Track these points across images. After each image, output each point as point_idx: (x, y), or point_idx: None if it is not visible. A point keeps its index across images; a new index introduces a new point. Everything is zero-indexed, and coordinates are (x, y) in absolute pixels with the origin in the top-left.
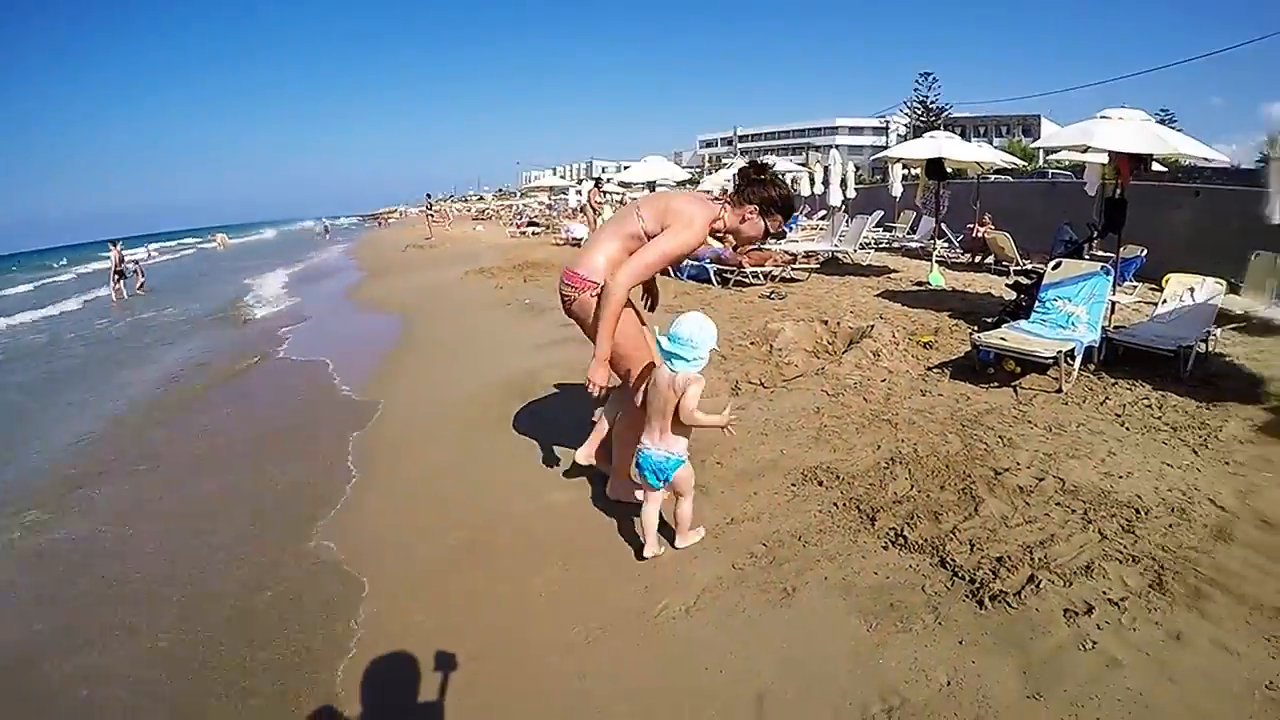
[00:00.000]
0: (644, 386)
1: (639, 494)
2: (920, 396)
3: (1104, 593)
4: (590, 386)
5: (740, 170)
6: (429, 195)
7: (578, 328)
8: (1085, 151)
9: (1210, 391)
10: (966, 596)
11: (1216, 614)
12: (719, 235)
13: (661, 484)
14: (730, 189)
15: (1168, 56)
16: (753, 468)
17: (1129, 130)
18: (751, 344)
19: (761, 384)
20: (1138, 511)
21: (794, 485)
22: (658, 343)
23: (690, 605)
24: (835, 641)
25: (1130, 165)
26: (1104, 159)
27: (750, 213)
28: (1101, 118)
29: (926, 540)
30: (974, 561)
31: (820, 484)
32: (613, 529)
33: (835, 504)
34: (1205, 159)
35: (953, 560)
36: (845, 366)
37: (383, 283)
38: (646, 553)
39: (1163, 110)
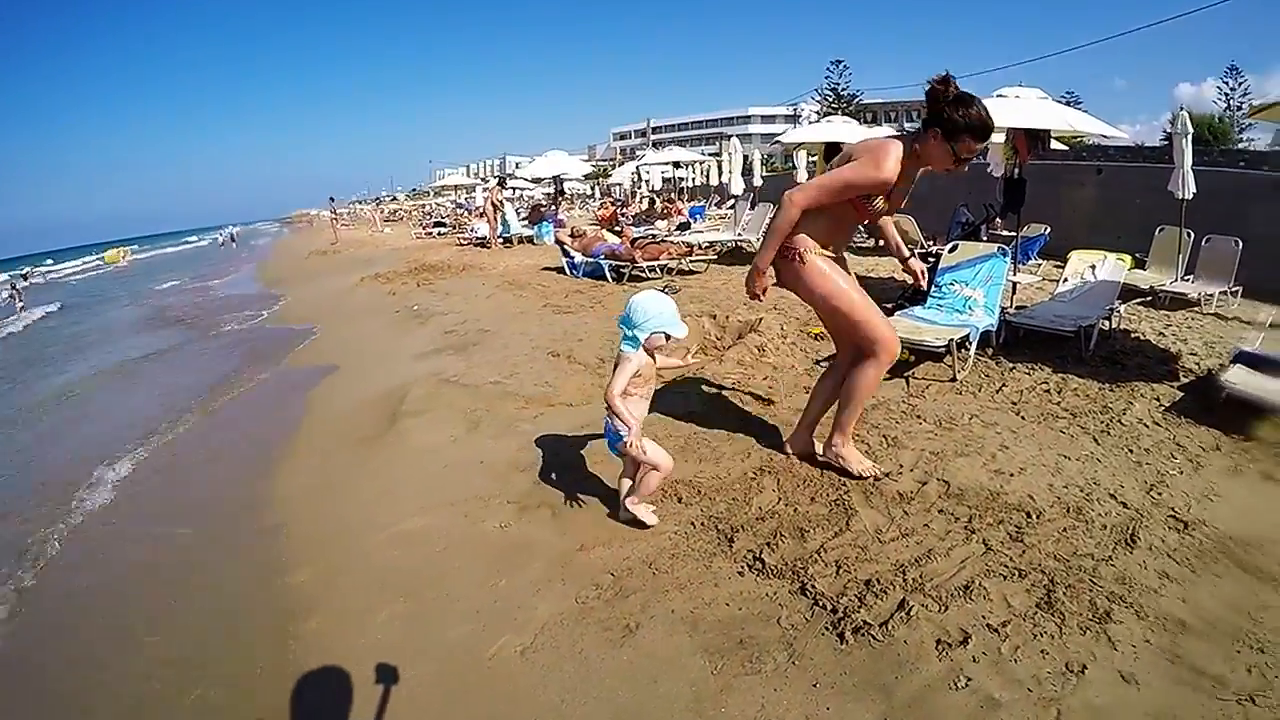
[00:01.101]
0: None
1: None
2: (803, 394)
3: (983, 617)
4: (747, 290)
5: (927, 90)
6: (332, 199)
7: (460, 337)
8: None
9: (1115, 371)
10: (827, 629)
11: (1117, 635)
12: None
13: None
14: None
15: (1074, 41)
16: (610, 485)
17: (1024, 108)
18: None
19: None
20: (1029, 515)
21: (652, 504)
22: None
23: (527, 645)
24: (676, 686)
25: (1028, 143)
26: (1003, 138)
27: (935, 135)
28: (997, 96)
29: (787, 563)
30: (838, 586)
31: (680, 500)
32: (460, 557)
33: (693, 523)
34: (1104, 136)
35: (814, 586)
36: (727, 364)
37: (277, 292)
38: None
39: (1068, 92)
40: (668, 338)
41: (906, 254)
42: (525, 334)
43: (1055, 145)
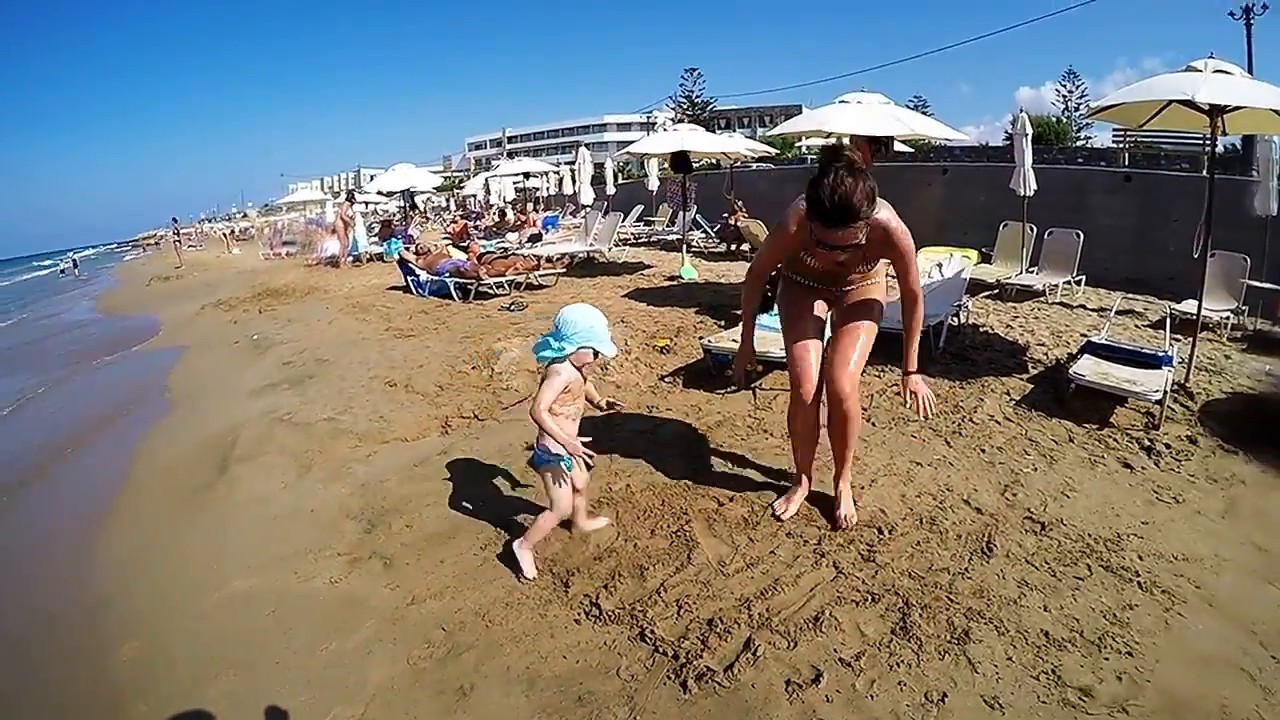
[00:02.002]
0: None
1: None
2: (645, 415)
3: (835, 650)
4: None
5: None
6: (174, 219)
7: (297, 368)
8: (828, 137)
9: (965, 367)
10: (669, 678)
11: (978, 656)
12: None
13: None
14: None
15: (924, 48)
16: (444, 528)
17: (866, 114)
18: (473, 369)
19: (476, 416)
20: (880, 531)
21: (485, 547)
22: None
23: (360, 716)
24: None
25: (870, 148)
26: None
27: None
28: (840, 102)
29: (625, 607)
30: (679, 629)
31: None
32: (290, 618)
33: None
34: (947, 139)
35: (654, 631)
36: None
37: (116, 325)
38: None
39: (916, 97)
40: (595, 354)
41: (910, 367)
42: (364, 362)
43: (901, 148)
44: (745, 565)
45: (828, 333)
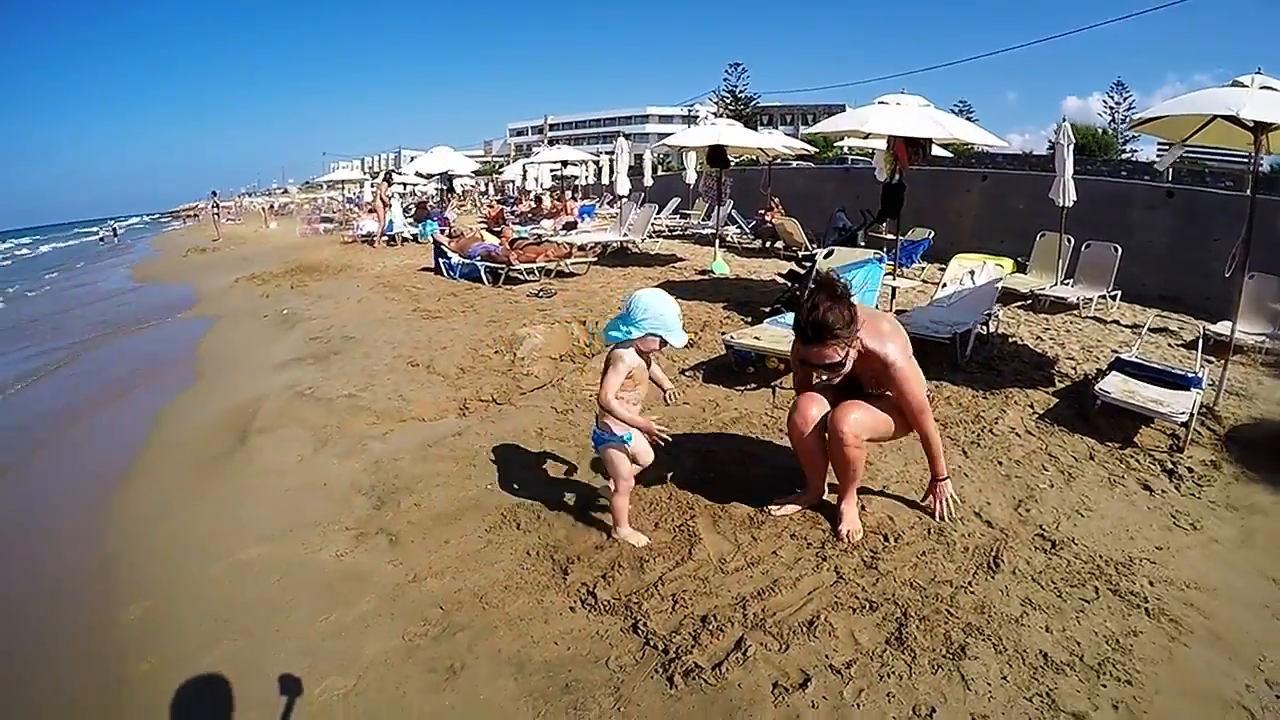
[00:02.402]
0: None
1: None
2: (663, 406)
3: (827, 657)
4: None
5: None
6: (214, 193)
7: (323, 344)
8: (867, 138)
9: (990, 377)
10: (657, 671)
11: (971, 673)
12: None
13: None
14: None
15: (968, 53)
16: (452, 508)
17: (905, 115)
18: (496, 353)
19: (494, 400)
20: (886, 539)
21: (490, 530)
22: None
23: (351, 688)
24: None
25: (908, 150)
26: (885, 145)
27: None
28: (879, 103)
29: (621, 598)
30: (673, 624)
31: (518, 527)
32: (295, 589)
33: (529, 552)
34: (988, 145)
35: (647, 624)
36: (589, 375)
37: (151, 294)
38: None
39: (961, 102)
40: (663, 344)
41: (939, 475)
42: (389, 341)
43: (940, 152)
44: (746, 564)
45: None
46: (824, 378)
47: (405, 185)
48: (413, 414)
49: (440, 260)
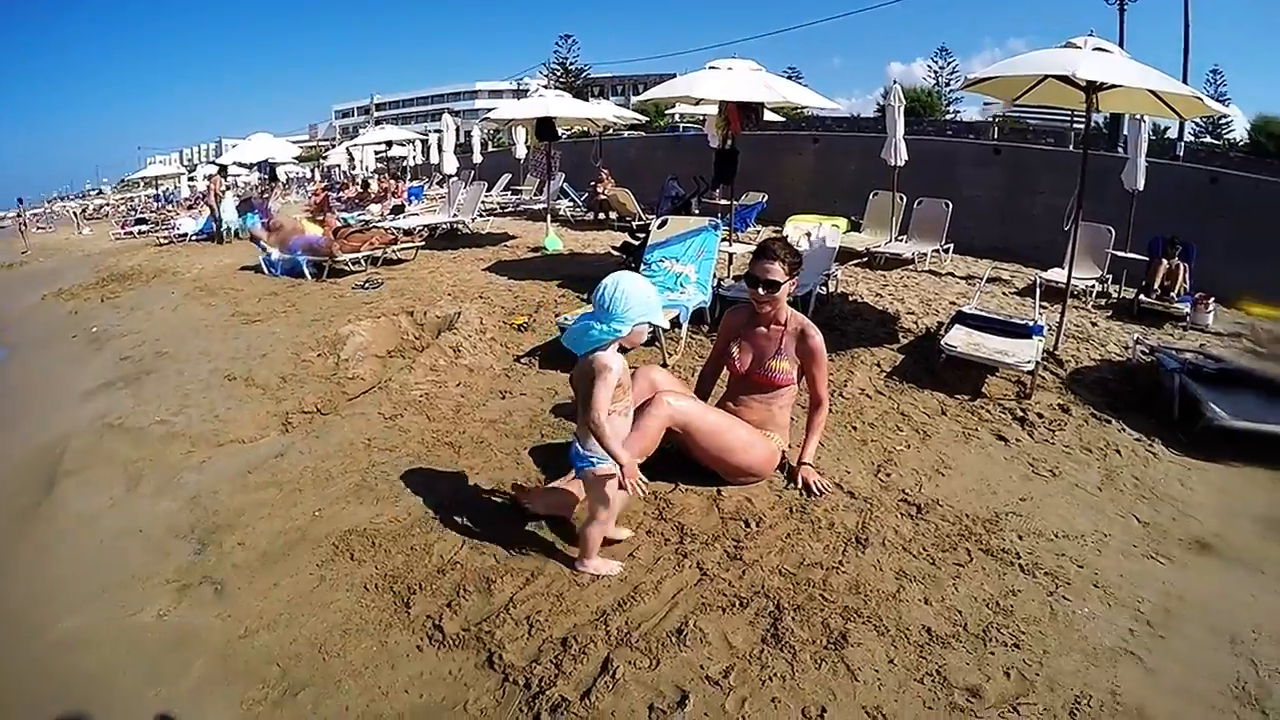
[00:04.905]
0: None
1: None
2: (499, 400)
3: (702, 667)
4: None
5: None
6: (20, 201)
7: (135, 364)
8: (698, 104)
9: (835, 338)
10: (522, 710)
11: (857, 661)
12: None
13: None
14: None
15: (797, 21)
16: (279, 544)
17: (736, 80)
18: (318, 356)
19: (318, 410)
20: (747, 524)
21: (321, 564)
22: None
23: None
24: None
25: (740, 115)
26: (716, 110)
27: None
28: (709, 68)
29: (470, 628)
30: (531, 652)
31: (352, 557)
32: (120, 660)
33: (367, 586)
34: (819, 108)
35: (503, 656)
36: (418, 372)
37: None
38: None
39: (790, 68)
40: (650, 328)
41: (805, 459)
42: (205, 353)
43: (771, 116)
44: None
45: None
46: (761, 294)
47: (234, 179)
48: (231, 436)
49: (261, 257)
